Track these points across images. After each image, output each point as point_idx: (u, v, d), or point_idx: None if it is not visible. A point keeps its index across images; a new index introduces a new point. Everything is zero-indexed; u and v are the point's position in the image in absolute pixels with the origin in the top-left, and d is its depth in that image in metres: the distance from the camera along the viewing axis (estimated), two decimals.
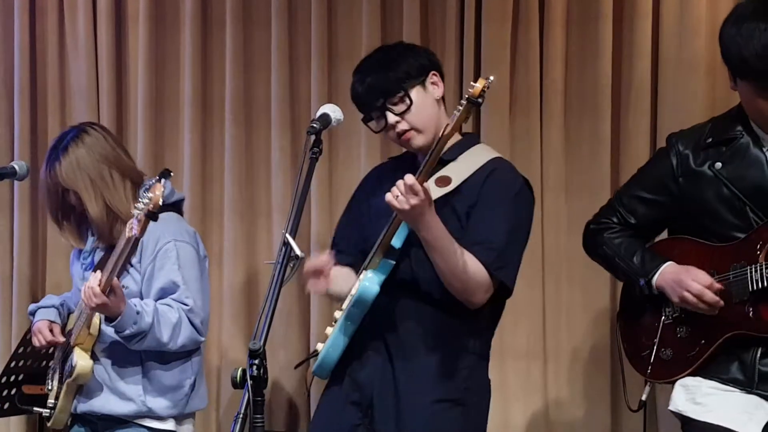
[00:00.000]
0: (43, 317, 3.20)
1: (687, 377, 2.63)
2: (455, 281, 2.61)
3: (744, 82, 2.51)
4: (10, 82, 4.18)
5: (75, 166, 3.03)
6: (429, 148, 2.60)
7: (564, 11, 3.74)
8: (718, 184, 2.58)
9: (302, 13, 3.96)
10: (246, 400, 2.16)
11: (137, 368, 3.07)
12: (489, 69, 3.74)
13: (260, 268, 3.99)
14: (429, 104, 2.73)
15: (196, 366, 3.16)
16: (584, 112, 3.74)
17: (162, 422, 3.10)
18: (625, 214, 2.76)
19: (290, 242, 2.33)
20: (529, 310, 3.74)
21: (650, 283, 2.64)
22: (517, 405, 3.72)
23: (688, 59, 3.60)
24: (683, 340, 2.64)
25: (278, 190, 3.95)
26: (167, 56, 4.10)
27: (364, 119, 2.77)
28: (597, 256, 2.83)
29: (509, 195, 2.69)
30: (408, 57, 2.74)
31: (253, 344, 2.18)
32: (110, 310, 2.91)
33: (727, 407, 2.56)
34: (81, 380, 3.07)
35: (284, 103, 3.96)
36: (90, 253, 3.16)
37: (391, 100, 2.69)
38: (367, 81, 2.70)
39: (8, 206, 4.17)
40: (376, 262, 2.65)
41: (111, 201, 3.03)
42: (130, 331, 2.93)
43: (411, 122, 2.70)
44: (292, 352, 3.93)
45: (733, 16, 2.53)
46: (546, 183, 3.76)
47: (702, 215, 2.62)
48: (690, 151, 2.65)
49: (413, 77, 2.71)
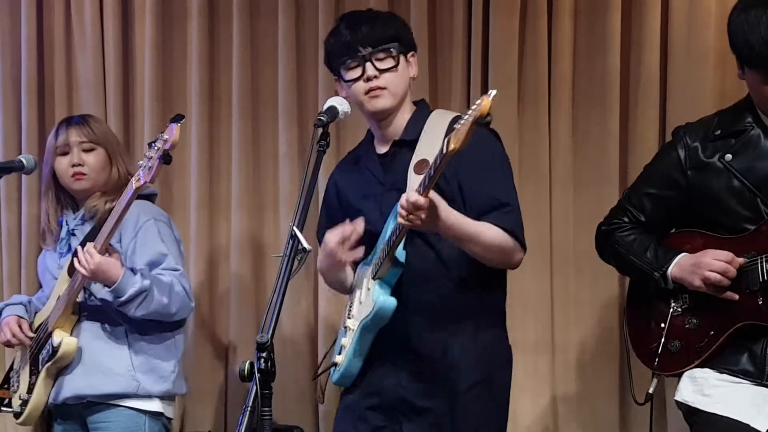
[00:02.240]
0: (12, 313, 3.23)
1: (695, 369, 2.62)
2: (491, 255, 2.63)
3: (751, 70, 2.51)
4: (17, 75, 4.18)
5: (105, 127, 3.29)
6: (388, 113, 2.70)
7: (572, 2, 3.73)
8: (728, 176, 2.57)
9: (309, 5, 3.95)
10: (254, 393, 2.15)
11: (123, 345, 3.10)
12: (497, 61, 3.74)
13: (267, 261, 3.99)
14: (406, 76, 2.76)
15: (180, 345, 3.21)
16: (593, 104, 3.73)
17: (149, 402, 3.11)
18: (635, 213, 2.75)
19: (298, 235, 2.33)
20: (537, 303, 3.73)
21: (665, 275, 2.63)
22: (524, 398, 3.71)
23: (698, 51, 3.59)
24: (692, 332, 2.62)
25: (285, 183, 3.94)
26: (174, 49, 4.10)
27: (334, 65, 2.75)
28: (610, 256, 2.82)
29: (488, 151, 2.69)
30: (402, 25, 2.81)
31: (261, 337, 2.17)
32: (108, 273, 2.93)
33: (736, 399, 2.55)
34: (65, 359, 3.07)
35: (291, 96, 3.95)
36: (66, 239, 3.19)
37: (377, 54, 2.70)
38: (360, 29, 2.70)
39: (16, 200, 4.17)
40: (384, 272, 2.63)
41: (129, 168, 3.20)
42: (133, 291, 2.95)
43: (387, 82, 2.71)
44: (300, 346, 3.92)
45: (740, 4, 2.53)
46: (554, 175, 3.75)
47: (712, 208, 2.61)
48: (699, 143, 2.64)
49: (403, 44, 2.74)
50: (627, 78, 3.70)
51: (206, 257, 4.02)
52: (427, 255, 2.68)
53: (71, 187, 3.20)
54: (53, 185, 3.23)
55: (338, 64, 2.75)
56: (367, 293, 2.68)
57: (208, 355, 4.01)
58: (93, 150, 3.18)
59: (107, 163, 3.19)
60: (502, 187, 2.69)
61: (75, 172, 3.16)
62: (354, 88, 2.72)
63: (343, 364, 2.73)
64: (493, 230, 2.61)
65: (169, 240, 3.17)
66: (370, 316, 2.62)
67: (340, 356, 2.74)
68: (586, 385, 3.73)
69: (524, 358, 3.71)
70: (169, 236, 3.18)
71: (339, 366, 2.75)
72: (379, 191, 2.76)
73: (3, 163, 3.22)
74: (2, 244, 4.18)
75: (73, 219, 3.21)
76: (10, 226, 4.17)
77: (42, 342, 3.13)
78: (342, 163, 2.99)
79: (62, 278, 3.14)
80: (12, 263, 4.16)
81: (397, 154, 2.76)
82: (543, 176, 3.74)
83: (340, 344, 2.76)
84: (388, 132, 2.78)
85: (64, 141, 3.17)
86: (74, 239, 3.19)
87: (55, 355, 3.06)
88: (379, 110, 2.73)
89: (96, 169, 3.17)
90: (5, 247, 4.17)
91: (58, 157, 3.19)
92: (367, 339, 2.69)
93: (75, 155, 3.16)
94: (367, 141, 2.89)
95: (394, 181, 2.72)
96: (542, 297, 3.74)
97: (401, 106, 2.76)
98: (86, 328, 3.11)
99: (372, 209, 2.74)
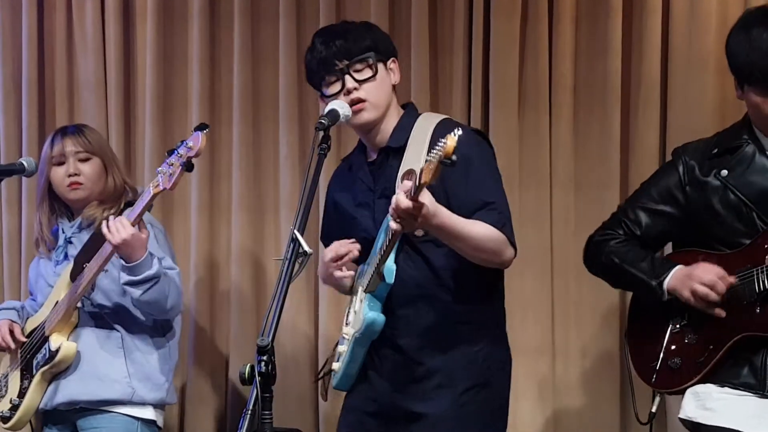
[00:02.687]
0: (4, 317, 3.24)
1: (698, 385, 2.61)
2: (481, 253, 2.62)
3: (751, 88, 2.53)
4: (18, 78, 4.18)
5: (99, 137, 3.30)
6: (373, 125, 2.72)
7: (573, 6, 3.72)
8: (724, 191, 2.59)
9: (310, 9, 3.95)
10: (254, 396, 2.15)
11: (120, 352, 3.11)
12: (497, 64, 3.74)
13: (268, 265, 3.99)
14: (387, 84, 2.75)
15: (174, 353, 3.24)
16: (593, 108, 3.73)
17: (143, 409, 3.12)
18: (631, 226, 2.75)
19: (298, 238, 2.33)
20: (538, 307, 3.73)
21: (661, 285, 2.63)
22: (525, 402, 3.71)
23: (698, 55, 3.59)
24: (692, 347, 2.62)
25: (286, 186, 3.94)
26: (175, 52, 4.09)
27: (315, 81, 2.77)
28: (601, 265, 2.80)
29: (472, 153, 2.65)
30: (377, 33, 2.79)
31: (262, 340, 2.17)
32: (135, 248, 2.93)
33: (738, 410, 2.55)
34: (64, 364, 3.08)
35: (292, 99, 3.95)
36: (63, 247, 3.19)
37: (354, 66, 2.70)
38: (335, 43, 2.70)
39: (16, 203, 4.17)
40: (374, 286, 2.64)
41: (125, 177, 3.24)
42: (149, 273, 2.96)
43: (368, 93, 2.70)
44: (301, 349, 3.92)
45: (740, 23, 2.57)
46: (555, 179, 3.74)
47: (709, 223, 2.62)
48: (696, 161, 2.66)
49: (380, 52, 2.73)
50: (628, 82, 3.70)
51: (207, 260, 4.02)
52: (420, 266, 2.69)
53: (67, 196, 3.21)
54: (48, 195, 3.24)
55: (318, 80, 2.76)
56: (360, 305, 2.70)
57: (209, 358, 4.01)
58: (89, 160, 3.19)
59: (103, 172, 3.21)
60: (486, 187, 2.68)
61: (71, 182, 3.18)
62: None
63: (339, 372, 2.77)
64: (482, 226, 2.61)
65: (163, 245, 3.21)
66: (361, 330, 2.66)
67: (337, 364, 2.77)
68: (586, 389, 3.72)
69: (525, 362, 3.71)
70: (163, 242, 3.22)
71: (336, 372, 2.78)
72: (371, 198, 2.78)
73: (3, 166, 3.23)
74: (3, 246, 4.18)
75: (70, 227, 3.22)
76: (10, 229, 4.16)
77: (36, 346, 3.13)
78: (337, 170, 3.00)
79: (61, 284, 3.14)
80: (12, 265, 4.16)
81: (385, 161, 2.77)
82: (543, 179, 3.74)
83: (338, 352, 2.79)
84: (376, 140, 2.79)
85: (59, 151, 3.18)
86: (71, 247, 3.20)
87: (53, 359, 3.06)
88: (363, 123, 2.74)
89: (92, 179, 3.19)
90: (6, 249, 4.17)
91: (54, 167, 3.20)
92: (360, 351, 2.72)
93: (71, 165, 3.17)
94: (359, 148, 2.90)
95: (384, 188, 2.73)
96: (543, 300, 3.73)
97: (386, 115, 2.75)
98: (83, 334, 3.12)
99: (366, 216, 2.77)
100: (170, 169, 2.77)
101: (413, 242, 2.69)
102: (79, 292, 3.03)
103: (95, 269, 3.01)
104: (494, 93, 3.75)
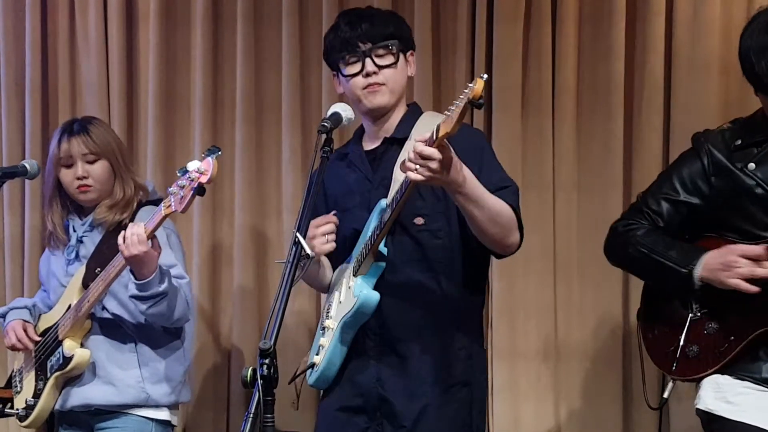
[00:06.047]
0: (17, 317, 3.23)
1: (717, 375, 2.60)
2: (494, 227, 2.59)
3: (762, 95, 2.56)
4: (21, 80, 4.18)
5: (105, 134, 3.21)
6: (385, 110, 2.73)
7: (576, 9, 3.72)
8: (751, 184, 2.58)
9: (313, 12, 3.95)
10: (256, 399, 2.15)
11: (133, 357, 3.11)
12: (501, 67, 3.73)
13: (270, 267, 3.99)
14: (404, 74, 2.79)
15: (188, 354, 3.23)
16: (597, 111, 3.72)
17: (158, 411, 3.12)
18: (653, 216, 2.73)
19: (301, 241, 2.33)
20: (541, 310, 3.73)
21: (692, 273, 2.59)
22: (527, 405, 3.71)
23: (702, 58, 3.59)
24: (711, 336, 2.61)
25: (288, 189, 3.94)
26: (178, 54, 4.10)
27: (333, 60, 2.76)
28: (626, 255, 2.76)
29: (484, 143, 2.74)
30: (402, 23, 2.83)
31: (264, 344, 2.17)
32: (147, 263, 2.90)
33: (762, 408, 2.53)
34: (77, 371, 3.08)
35: (295, 102, 3.95)
36: (74, 247, 3.18)
37: (377, 51, 2.71)
38: (360, 26, 2.71)
39: (19, 205, 4.17)
40: (365, 268, 2.63)
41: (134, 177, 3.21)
42: (156, 291, 2.94)
43: (387, 78, 2.72)
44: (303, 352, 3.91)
45: (748, 29, 2.56)
46: (558, 182, 3.74)
47: (735, 215, 2.61)
48: (720, 150, 2.64)
49: (402, 43, 2.76)
50: (631, 85, 3.70)
51: (209, 263, 4.02)
52: (414, 256, 2.68)
53: (77, 198, 3.20)
54: (58, 194, 3.22)
55: (337, 59, 2.76)
56: (347, 291, 2.68)
57: (211, 361, 4.01)
58: (97, 161, 3.17)
59: (111, 172, 3.19)
60: (500, 173, 2.71)
61: (80, 185, 3.16)
62: (352, 83, 2.73)
63: (321, 365, 2.73)
64: (500, 201, 2.60)
65: (176, 249, 3.20)
66: (352, 311, 2.63)
67: (318, 356, 2.74)
68: (589, 391, 3.72)
69: (528, 365, 3.72)
70: (176, 245, 3.21)
71: (317, 366, 2.74)
72: (367, 188, 2.77)
73: (6, 168, 3.21)
74: (5, 249, 4.18)
75: (81, 225, 3.21)
76: (13, 231, 4.17)
77: (51, 348, 3.13)
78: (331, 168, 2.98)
79: (74, 287, 3.13)
80: (15, 268, 4.16)
81: (387, 151, 2.77)
82: (547, 182, 3.74)
83: (318, 344, 2.76)
84: (381, 129, 2.79)
85: (66, 153, 3.16)
86: (82, 247, 3.19)
87: (66, 365, 3.07)
88: (376, 107, 2.74)
89: (101, 180, 3.17)
90: (8, 252, 4.17)
91: (63, 169, 3.18)
92: (347, 337, 2.69)
93: (79, 168, 3.15)
94: (355, 139, 2.90)
95: (383, 177, 2.73)
96: (546, 303, 3.73)
97: (398, 104, 2.77)
98: (96, 339, 3.11)
99: (360, 206, 2.75)
100: (182, 191, 2.73)
101: (411, 231, 2.68)
102: (91, 302, 3.03)
103: (108, 280, 3.00)
104: (497, 96, 3.75)
